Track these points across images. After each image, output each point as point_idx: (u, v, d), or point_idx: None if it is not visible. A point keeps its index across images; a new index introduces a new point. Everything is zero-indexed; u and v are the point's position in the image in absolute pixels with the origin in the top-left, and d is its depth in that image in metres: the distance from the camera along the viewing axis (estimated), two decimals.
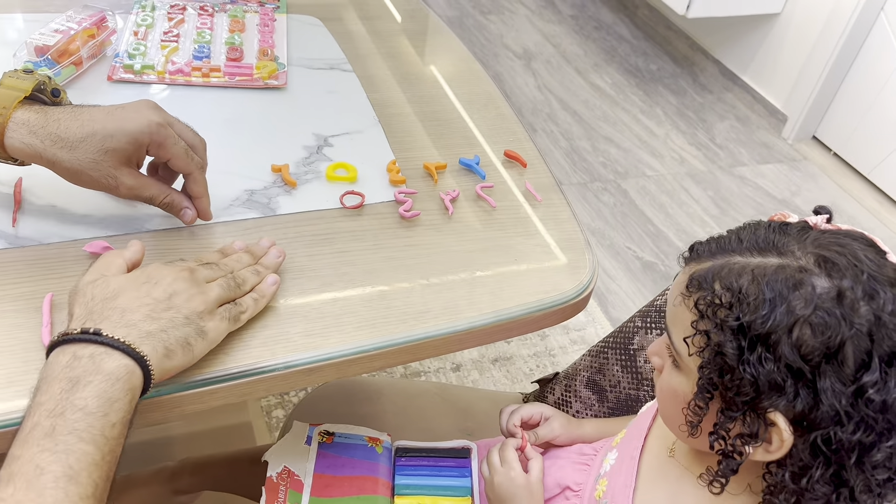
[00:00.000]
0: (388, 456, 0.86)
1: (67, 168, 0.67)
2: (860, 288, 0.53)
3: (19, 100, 0.66)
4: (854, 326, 0.52)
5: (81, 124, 0.67)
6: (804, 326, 0.52)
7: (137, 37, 1.01)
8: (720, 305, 0.55)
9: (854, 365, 0.52)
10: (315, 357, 0.67)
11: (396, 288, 0.74)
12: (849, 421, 0.52)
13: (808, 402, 0.53)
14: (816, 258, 0.55)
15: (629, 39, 3.15)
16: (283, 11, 1.14)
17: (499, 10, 3.19)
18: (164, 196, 0.72)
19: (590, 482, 0.74)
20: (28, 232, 0.73)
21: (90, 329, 0.55)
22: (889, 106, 2.42)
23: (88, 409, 0.52)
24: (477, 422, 1.03)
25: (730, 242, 0.59)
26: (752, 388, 0.54)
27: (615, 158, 2.49)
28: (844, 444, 0.53)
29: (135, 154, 0.69)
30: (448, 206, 0.84)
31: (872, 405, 0.52)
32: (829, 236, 0.57)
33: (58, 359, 0.54)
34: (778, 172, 2.56)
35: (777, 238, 0.57)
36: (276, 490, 0.78)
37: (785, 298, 0.53)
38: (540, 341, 1.82)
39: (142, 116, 0.68)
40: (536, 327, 0.77)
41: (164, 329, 0.58)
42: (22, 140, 0.66)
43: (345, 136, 0.93)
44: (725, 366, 0.55)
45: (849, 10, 2.42)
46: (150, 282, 0.61)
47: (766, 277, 0.54)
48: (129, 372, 0.55)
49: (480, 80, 1.10)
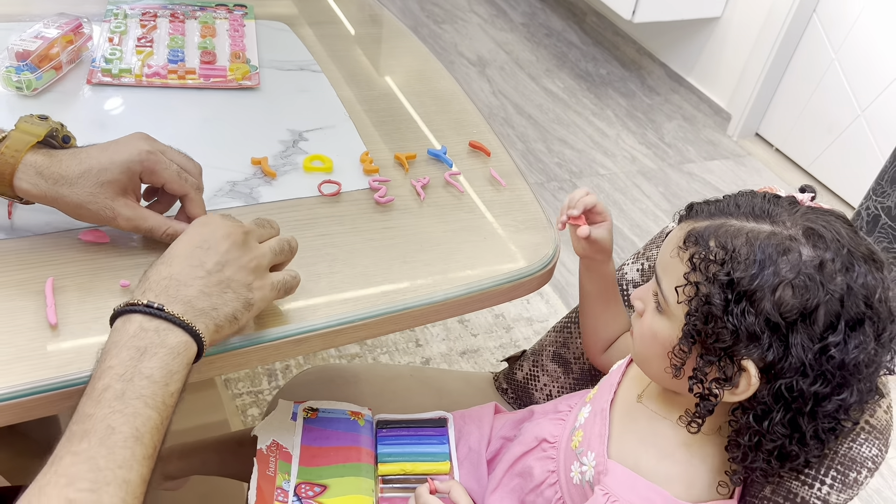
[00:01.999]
0: (369, 428, 0.91)
1: (69, 203, 0.70)
2: (840, 260, 0.60)
3: (31, 144, 0.70)
4: (829, 292, 0.59)
5: (80, 162, 0.70)
6: (787, 288, 0.60)
7: (113, 42, 1.05)
8: (713, 261, 0.62)
9: (823, 325, 0.60)
10: (303, 328, 0.72)
11: (376, 266, 0.79)
12: (811, 373, 0.60)
13: (778, 353, 0.60)
14: (805, 230, 0.62)
15: (579, 45, 3.26)
16: (251, 17, 1.19)
17: (452, 19, 3.27)
18: (166, 227, 0.74)
19: (565, 434, 0.80)
20: (24, 223, 0.76)
21: (154, 304, 0.59)
22: (824, 102, 2.56)
23: (153, 378, 0.56)
24: (451, 399, 1.08)
25: (728, 206, 0.66)
26: (731, 337, 0.61)
27: (570, 159, 2.58)
28: (804, 392, 0.60)
29: (129, 183, 0.72)
30: (420, 192, 0.90)
31: (832, 362, 0.60)
32: (816, 212, 0.64)
33: (125, 327, 0.58)
34: (724, 168, 2.68)
35: (771, 208, 0.64)
36: (267, 461, 0.83)
37: (773, 261, 0.60)
38: (505, 333, 1.89)
39: (132, 147, 0.72)
40: (506, 298, 0.83)
41: (215, 307, 0.62)
42: (29, 181, 0.69)
43: (318, 130, 0.98)
44: (711, 315, 0.62)
45: (783, 12, 2.56)
46: (203, 246, 0.64)
47: (759, 241, 0.61)
48: (188, 347, 0.59)
49: (442, 78, 1.16)
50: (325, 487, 0.82)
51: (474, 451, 0.91)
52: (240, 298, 0.64)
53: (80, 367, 0.64)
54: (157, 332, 0.58)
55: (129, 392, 0.55)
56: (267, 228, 0.70)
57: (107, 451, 0.52)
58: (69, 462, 0.51)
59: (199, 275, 0.62)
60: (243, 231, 0.67)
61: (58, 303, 0.69)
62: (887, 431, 0.66)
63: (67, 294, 0.70)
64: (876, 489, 1.71)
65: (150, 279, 0.62)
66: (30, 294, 0.69)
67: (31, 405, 0.63)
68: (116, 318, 0.60)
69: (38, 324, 0.67)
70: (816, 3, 2.53)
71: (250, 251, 0.66)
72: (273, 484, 0.80)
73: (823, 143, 2.59)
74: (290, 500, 0.79)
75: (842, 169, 2.55)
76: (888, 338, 0.62)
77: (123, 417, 0.54)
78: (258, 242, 0.68)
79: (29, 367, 0.63)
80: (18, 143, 0.70)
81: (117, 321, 0.59)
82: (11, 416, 0.62)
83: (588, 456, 0.74)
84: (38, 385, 0.63)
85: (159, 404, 0.56)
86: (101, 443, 0.52)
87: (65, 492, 0.50)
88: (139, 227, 0.73)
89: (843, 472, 0.64)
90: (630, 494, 0.69)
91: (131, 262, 0.75)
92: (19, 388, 0.62)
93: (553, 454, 0.80)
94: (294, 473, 0.83)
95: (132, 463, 0.53)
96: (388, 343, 1.79)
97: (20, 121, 0.72)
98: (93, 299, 0.70)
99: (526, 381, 1.08)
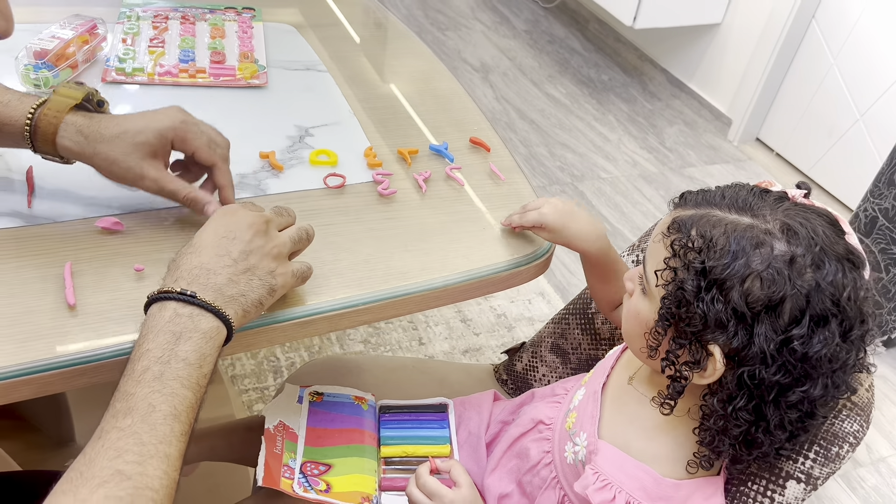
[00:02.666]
0: (372, 413, 0.94)
1: (104, 158, 0.75)
2: (810, 257, 0.62)
3: (71, 106, 0.76)
4: (796, 287, 0.61)
5: (117, 124, 0.76)
6: (755, 279, 0.62)
7: (126, 43, 1.09)
8: (691, 249, 0.65)
9: (788, 319, 0.62)
10: (309, 311, 0.75)
11: (379, 254, 0.83)
12: (772, 363, 0.62)
13: (742, 341, 0.63)
14: (782, 225, 0.64)
15: (581, 52, 3.30)
16: (259, 20, 1.23)
17: (455, 26, 3.31)
18: (187, 191, 0.78)
19: (560, 415, 0.83)
20: (42, 211, 0.80)
21: (187, 291, 0.63)
22: (824, 107, 2.59)
23: (189, 360, 0.61)
24: (452, 390, 1.11)
25: (714, 197, 0.68)
26: (700, 322, 0.64)
27: (571, 163, 2.62)
28: (765, 381, 0.63)
29: (161, 149, 0.77)
30: (421, 184, 0.94)
31: (794, 354, 0.62)
32: (799, 209, 0.66)
33: (161, 313, 0.62)
34: (725, 172, 2.71)
35: (755, 201, 0.66)
36: (274, 439, 0.86)
37: (746, 253, 0.62)
38: (507, 332, 1.92)
39: (167, 115, 0.78)
40: (503, 286, 0.86)
41: (243, 293, 0.66)
42: (71, 139, 0.75)
43: (324, 127, 1.02)
44: (684, 300, 0.65)
45: (783, 18, 2.59)
46: (228, 236, 0.68)
47: (736, 233, 0.64)
48: (219, 332, 0.64)
49: (444, 78, 1.20)
50: (329, 466, 0.85)
51: (474, 434, 0.94)
52: (264, 285, 0.68)
53: (96, 345, 0.68)
54: (190, 318, 0.62)
55: (167, 374, 0.59)
56: (285, 217, 0.75)
57: (149, 427, 0.57)
58: (116, 437, 0.56)
59: (227, 263, 0.66)
60: (264, 220, 0.70)
61: (75, 285, 0.72)
62: (868, 408, 0.68)
63: (84, 277, 0.73)
64: (874, 486, 1.72)
65: (180, 268, 0.66)
66: (49, 277, 0.73)
67: (49, 380, 0.66)
68: (151, 305, 0.64)
69: (57, 304, 0.70)
70: (815, 9, 2.57)
71: (272, 239, 0.70)
72: (280, 461, 0.83)
73: (823, 148, 2.62)
74: (296, 477, 0.82)
75: (841, 173, 2.58)
76: (857, 336, 0.63)
77: (162, 397, 0.58)
78: (278, 231, 0.72)
79: (48, 344, 0.67)
80: (59, 104, 0.75)
81: (153, 307, 0.63)
82: (31, 391, 0.66)
83: (580, 436, 0.77)
84: (57, 361, 0.66)
85: (194, 385, 0.61)
86: (143, 420, 0.57)
87: (114, 463, 0.54)
88: (163, 189, 0.77)
89: (825, 446, 0.67)
90: (619, 473, 0.71)
91: (145, 249, 0.78)
92: (39, 363, 0.65)
93: (549, 435, 0.82)
94: (300, 453, 0.86)
95: (171, 439, 0.57)
96: (392, 341, 1.82)
97: (59, 86, 0.77)
98: (108, 283, 0.73)
99: (525, 372, 1.11)
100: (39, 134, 0.75)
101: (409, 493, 0.78)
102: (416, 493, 0.78)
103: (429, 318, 1.90)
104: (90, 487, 0.52)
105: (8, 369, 0.64)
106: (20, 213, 0.79)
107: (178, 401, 0.59)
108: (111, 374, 0.68)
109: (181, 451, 0.58)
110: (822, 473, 0.67)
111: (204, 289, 0.64)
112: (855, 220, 2.00)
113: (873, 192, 1.95)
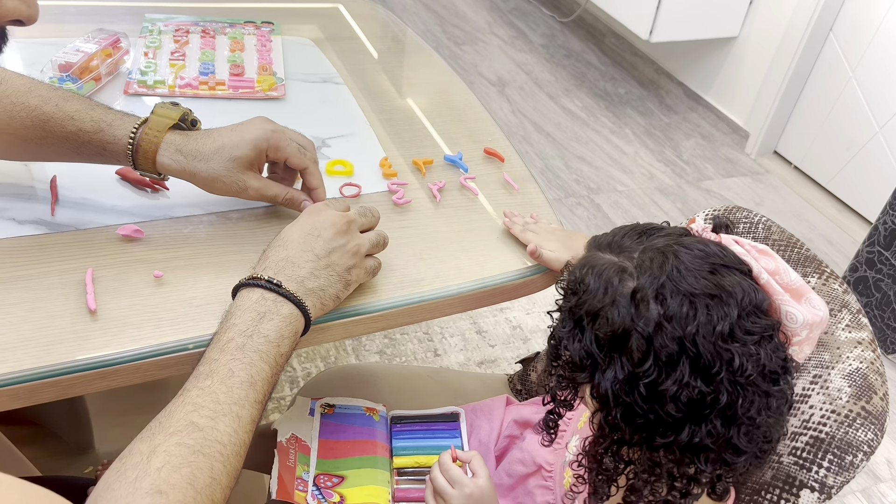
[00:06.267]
0: (384, 423, 0.95)
1: (205, 178, 0.80)
2: (653, 290, 0.60)
3: (169, 126, 0.80)
4: (637, 325, 0.59)
5: (213, 140, 0.80)
6: (603, 318, 0.61)
7: (148, 56, 1.12)
8: (570, 290, 0.66)
9: (636, 356, 0.59)
10: (325, 317, 0.76)
11: (394, 261, 0.84)
12: (619, 404, 0.60)
13: (598, 382, 0.62)
14: (638, 261, 0.63)
15: (597, 66, 3.31)
16: (277, 33, 1.25)
17: (472, 41, 3.34)
18: (286, 194, 0.84)
19: (558, 465, 0.82)
20: (66, 219, 0.82)
21: (273, 280, 0.69)
22: (842, 120, 2.58)
23: (269, 337, 0.66)
24: (466, 399, 1.12)
25: (602, 238, 0.68)
26: (567, 361, 0.64)
27: (588, 175, 2.62)
28: (619, 423, 0.61)
29: (257, 159, 0.81)
30: (436, 194, 0.95)
31: (642, 396, 0.59)
32: (672, 243, 0.62)
33: (249, 295, 0.68)
34: (742, 185, 2.70)
35: (630, 240, 0.65)
36: (287, 453, 0.86)
37: (597, 291, 0.62)
38: (522, 345, 1.92)
39: (259, 127, 0.82)
40: (516, 295, 0.87)
41: (322, 287, 0.72)
42: (170, 157, 0.79)
43: (340, 137, 1.03)
44: (557, 338, 0.65)
45: (800, 31, 2.59)
46: (313, 233, 0.73)
47: (597, 272, 0.63)
48: (297, 319, 0.69)
49: (460, 90, 1.21)
50: (342, 478, 0.86)
51: (483, 444, 0.94)
52: (342, 280, 0.74)
53: (116, 350, 0.69)
54: (274, 302, 0.68)
55: (249, 346, 0.65)
56: (368, 217, 0.79)
57: (226, 388, 0.62)
58: (195, 394, 0.61)
59: (310, 259, 0.72)
60: (347, 221, 0.75)
61: (96, 291, 0.74)
62: (883, 417, 0.68)
63: (105, 283, 0.75)
64: (882, 492, 1.70)
65: (269, 258, 0.71)
66: (71, 283, 0.74)
67: (70, 383, 0.67)
68: (240, 289, 0.69)
69: (78, 309, 0.72)
70: (833, 22, 2.56)
71: (353, 238, 0.75)
72: (293, 474, 0.84)
73: (842, 160, 2.60)
74: (309, 490, 0.83)
75: (861, 185, 2.56)
76: (728, 378, 0.58)
77: (242, 365, 0.64)
78: (360, 231, 0.77)
79: (70, 348, 0.68)
80: (159, 124, 0.80)
81: (242, 290, 0.69)
82: (53, 394, 0.67)
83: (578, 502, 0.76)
84: (78, 364, 0.67)
85: (271, 360, 0.66)
86: (221, 382, 0.62)
87: (190, 416, 0.59)
88: (265, 195, 0.83)
89: (839, 455, 0.67)
90: None
91: (164, 256, 0.80)
92: (62, 366, 0.67)
93: (550, 484, 0.82)
94: (313, 465, 0.86)
95: (245, 402, 0.62)
96: (408, 352, 1.83)
97: (156, 107, 0.82)
98: (128, 289, 0.75)
99: (540, 382, 1.11)
100: (141, 152, 0.79)
101: (431, 477, 0.79)
102: (439, 478, 0.78)
103: (444, 330, 1.90)
104: (165, 435, 0.57)
105: (32, 372, 0.66)
106: (44, 220, 0.81)
107: (256, 371, 0.64)
108: (131, 377, 0.69)
109: (254, 418, 0.63)
110: (837, 482, 0.67)
111: (289, 280, 0.70)
112: (874, 233, 1.99)
113: (893, 204, 1.93)
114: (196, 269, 0.79)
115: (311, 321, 0.71)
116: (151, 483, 0.54)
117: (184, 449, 0.57)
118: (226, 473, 0.59)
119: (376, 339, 1.84)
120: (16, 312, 0.70)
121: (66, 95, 0.80)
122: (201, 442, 0.58)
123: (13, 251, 0.77)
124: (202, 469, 0.57)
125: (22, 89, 0.78)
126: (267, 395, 0.66)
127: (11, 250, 0.77)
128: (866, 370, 0.70)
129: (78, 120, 0.79)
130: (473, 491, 0.76)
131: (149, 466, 0.55)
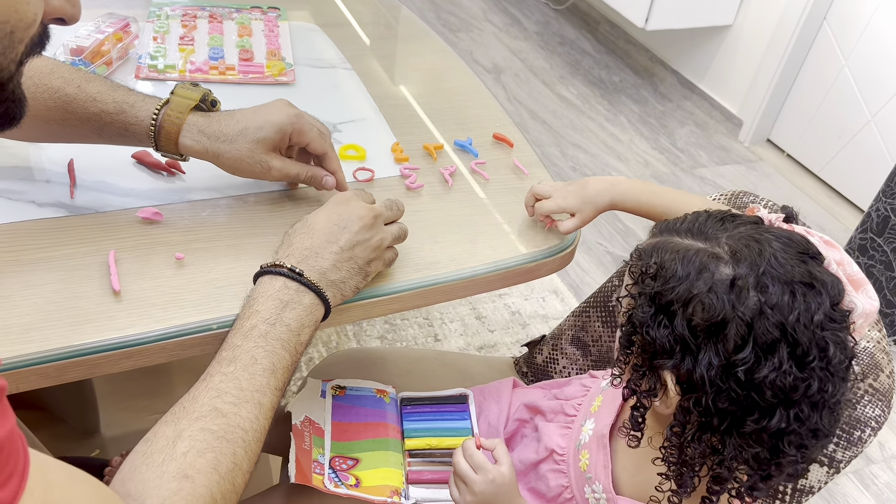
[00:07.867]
0: (394, 405, 0.96)
1: (228, 158, 0.80)
2: (753, 279, 0.61)
3: (191, 106, 0.80)
4: (737, 311, 0.60)
5: (236, 122, 0.80)
6: (698, 303, 0.61)
7: (157, 41, 1.12)
8: (648, 275, 0.65)
9: (732, 344, 0.60)
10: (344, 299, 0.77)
11: (409, 245, 0.85)
12: (714, 389, 0.61)
13: (689, 368, 0.62)
14: (731, 248, 0.63)
15: (592, 53, 3.32)
16: (284, 19, 1.26)
17: (467, 28, 3.34)
18: (307, 172, 0.84)
19: (571, 448, 0.82)
20: (85, 202, 0.83)
21: (296, 269, 0.70)
22: (834, 108, 2.61)
23: (291, 327, 0.67)
24: (473, 382, 1.13)
25: (676, 224, 0.68)
26: (650, 349, 0.64)
27: (584, 163, 2.64)
28: (711, 409, 0.61)
29: (281, 142, 0.82)
30: (447, 179, 0.96)
31: (739, 381, 0.60)
32: (761, 232, 0.64)
33: (272, 283, 0.69)
34: (736, 173, 2.72)
35: (712, 227, 0.66)
36: (302, 435, 0.88)
37: (691, 277, 0.62)
38: (521, 329, 1.94)
39: (282, 111, 0.82)
40: (528, 277, 0.89)
41: (343, 280, 0.73)
42: (193, 138, 0.80)
43: (351, 123, 1.04)
44: (637, 326, 0.65)
45: (794, 20, 2.61)
46: (340, 224, 0.74)
47: (685, 257, 0.63)
48: (318, 308, 0.71)
49: (466, 76, 1.22)
50: (357, 461, 0.87)
51: (493, 426, 0.96)
52: (362, 272, 0.75)
53: (142, 330, 0.70)
54: (296, 292, 0.69)
55: (272, 334, 0.66)
56: (394, 210, 0.80)
57: (249, 376, 0.63)
58: (219, 380, 0.62)
59: (334, 250, 0.72)
60: (374, 215, 0.76)
61: (119, 272, 0.74)
62: (889, 394, 0.70)
63: (127, 265, 0.76)
64: (886, 483, 1.74)
65: (293, 245, 0.72)
66: (93, 265, 0.75)
67: (97, 362, 0.68)
68: (263, 275, 0.70)
69: (102, 290, 0.73)
70: (827, 11, 2.58)
71: (378, 233, 0.76)
72: (310, 457, 0.85)
73: (834, 149, 2.63)
74: (326, 473, 0.84)
75: (853, 173, 2.59)
76: (820, 366, 0.59)
77: (265, 353, 0.65)
78: (385, 224, 0.78)
79: (96, 328, 0.69)
80: (180, 105, 0.80)
81: (264, 277, 0.70)
82: (80, 373, 0.68)
83: (596, 485, 0.77)
84: (104, 344, 0.68)
85: (291, 349, 0.67)
86: (244, 369, 0.63)
87: (214, 401, 0.61)
88: (287, 175, 0.84)
89: (848, 430, 0.69)
90: None
91: (184, 238, 0.81)
92: (89, 346, 0.68)
93: (564, 468, 0.82)
94: (328, 448, 0.87)
95: (266, 390, 0.64)
96: (408, 337, 1.84)
97: (176, 87, 0.82)
98: (151, 270, 0.76)
99: (545, 365, 1.13)
100: (163, 134, 0.80)
101: (455, 462, 0.79)
102: (462, 463, 0.78)
103: (444, 315, 1.92)
104: (189, 420, 0.59)
105: (61, 351, 0.67)
106: (64, 203, 0.82)
107: (277, 359, 0.65)
108: (156, 357, 0.71)
109: (273, 405, 0.65)
110: (845, 457, 0.69)
111: (311, 270, 0.71)
112: (867, 220, 2.02)
113: (885, 191, 1.96)
114: (216, 251, 0.80)
115: (330, 311, 0.72)
116: (178, 467, 0.56)
117: (208, 434, 0.58)
118: (247, 459, 0.61)
119: (377, 324, 1.86)
120: (41, 293, 0.71)
121: (88, 77, 0.80)
122: (225, 428, 0.59)
123: (35, 233, 0.78)
124: (225, 454, 0.59)
125: (44, 70, 0.79)
126: (286, 383, 0.67)
127: (33, 232, 0.78)
128: (873, 349, 0.72)
129: (100, 101, 0.79)
130: (496, 477, 0.76)
131: (174, 451, 0.56)
